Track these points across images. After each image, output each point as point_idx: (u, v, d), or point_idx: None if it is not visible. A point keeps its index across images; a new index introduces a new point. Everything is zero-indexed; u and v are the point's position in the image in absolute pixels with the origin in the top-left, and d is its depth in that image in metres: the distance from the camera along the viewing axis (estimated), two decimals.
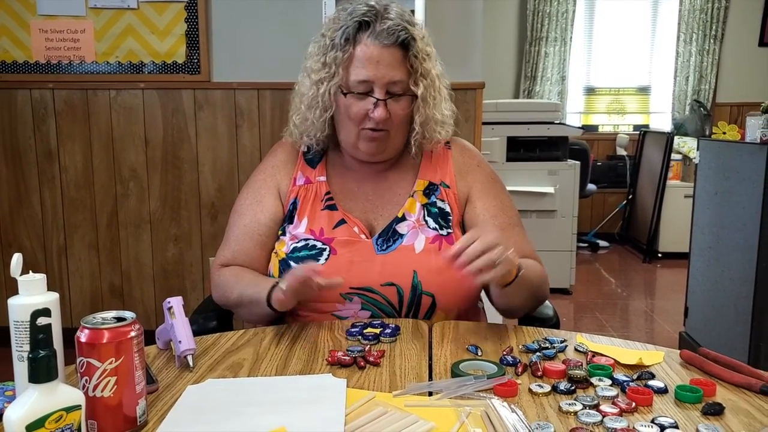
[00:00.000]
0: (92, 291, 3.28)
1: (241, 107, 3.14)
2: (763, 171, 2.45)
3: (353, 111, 1.34)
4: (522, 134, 4.26)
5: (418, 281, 1.33)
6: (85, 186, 3.21)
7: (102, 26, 3.10)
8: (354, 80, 1.32)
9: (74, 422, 0.72)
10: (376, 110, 1.31)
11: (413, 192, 1.43)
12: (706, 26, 5.96)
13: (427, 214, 1.41)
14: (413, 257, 1.35)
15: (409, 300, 1.34)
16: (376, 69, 1.31)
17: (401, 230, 1.38)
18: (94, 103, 3.15)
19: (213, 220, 3.20)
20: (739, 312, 2.63)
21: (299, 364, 1.08)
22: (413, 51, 1.34)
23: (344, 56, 1.32)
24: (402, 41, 1.32)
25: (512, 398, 0.94)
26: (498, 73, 5.96)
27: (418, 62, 1.34)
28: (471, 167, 1.49)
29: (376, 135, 1.35)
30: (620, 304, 4.31)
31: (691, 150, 5.38)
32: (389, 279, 1.34)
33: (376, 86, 1.32)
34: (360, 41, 1.32)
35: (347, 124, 1.37)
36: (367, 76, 1.31)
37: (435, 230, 1.38)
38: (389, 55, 1.32)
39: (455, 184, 1.46)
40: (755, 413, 0.91)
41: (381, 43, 1.31)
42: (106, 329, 0.82)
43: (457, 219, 1.43)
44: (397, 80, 1.32)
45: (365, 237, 1.38)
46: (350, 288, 1.33)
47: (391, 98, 1.33)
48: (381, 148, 1.38)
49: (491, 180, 1.49)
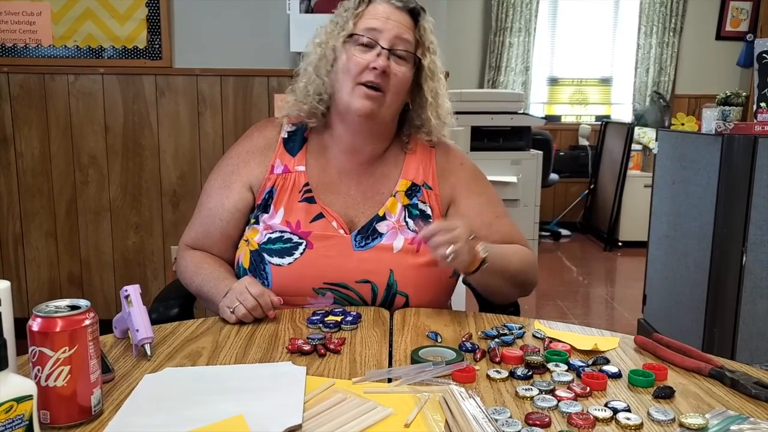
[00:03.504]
0: (50, 280, 3.22)
1: (204, 94, 3.10)
2: (717, 161, 2.51)
3: (354, 61, 1.33)
4: (486, 124, 4.29)
5: (394, 280, 1.34)
6: (42, 173, 3.14)
7: (59, 9, 3.03)
8: (363, 28, 1.35)
9: (25, 412, 0.71)
10: (378, 59, 1.31)
11: (395, 192, 1.42)
12: (666, 19, 6.06)
13: (408, 215, 1.40)
14: (391, 256, 1.35)
15: (383, 298, 1.34)
16: (386, 22, 1.34)
17: (381, 229, 1.37)
18: (52, 87, 3.09)
19: (174, 207, 3.16)
20: (695, 299, 2.69)
21: (259, 353, 1.07)
22: (422, 23, 1.38)
23: (357, 9, 1.37)
24: (413, 9, 1.38)
25: (470, 384, 0.95)
26: (462, 62, 5.98)
27: (425, 37, 1.38)
28: (454, 167, 1.48)
29: (371, 93, 1.32)
30: (581, 291, 4.38)
31: (650, 141, 5.48)
32: (365, 276, 1.34)
33: (383, 37, 1.33)
34: (373, 2, 1.37)
35: (345, 80, 1.34)
36: (377, 26, 1.34)
37: (415, 232, 1.37)
38: (400, 16, 1.36)
39: (437, 185, 1.45)
40: (704, 396, 0.93)
41: (394, 4, 1.36)
42: (60, 318, 0.81)
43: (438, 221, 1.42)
44: (404, 38, 1.35)
45: (343, 232, 1.37)
46: (324, 283, 1.33)
47: (394, 56, 1.34)
48: (374, 108, 1.33)
49: (475, 177, 1.50)
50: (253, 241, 1.37)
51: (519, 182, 4.29)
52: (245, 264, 1.37)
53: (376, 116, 1.35)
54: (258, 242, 1.36)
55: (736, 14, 6.03)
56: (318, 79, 1.40)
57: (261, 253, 1.35)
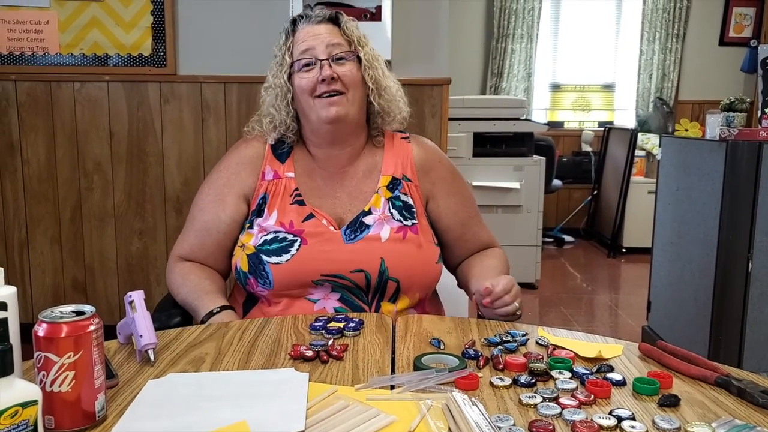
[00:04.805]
0: (54, 285, 3.23)
1: (208, 101, 3.11)
2: (722, 167, 2.50)
3: (305, 83, 1.42)
4: (488, 130, 4.29)
5: (385, 267, 1.41)
6: (48, 179, 3.15)
7: (66, 18, 3.05)
8: (298, 54, 1.44)
9: (30, 417, 0.71)
10: (322, 71, 1.40)
11: (378, 188, 1.49)
12: (668, 25, 6.06)
13: (392, 207, 1.47)
14: (380, 246, 1.42)
15: (376, 284, 1.41)
16: (314, 38, 1.43)
17: (368, 222, 1.45)
18: (58, 95, 3.10)
19: (178, 214, 3.17)
20: (700, 306, 2.69)
21: (261, 359, 1.07)
22: (344, 23, 1.47)
23: (287, 42, 1.46)
24: (331, 17, 1.47)
25: (473, 391, 0.95)
26: (465, 69, 5.98)
27: (353, 33, 1.46)
28: (433, 163, 1.56)
29: (333, 99, 1.41)
30: (585, 298, 4.37)
31: (654, 147, 5.47)
32: (358, 266, 1.40)
33: (317, 51, 1.42)
34: (297, 29, 1.47)
35: (305, 100, 1.43)
36: (308, 45, 1.43)
37: (399, 221, 1.45)
38: (323, 27, 1.45)
39: (417, 178, 1.52)
40: (710, 405, 0.93)
41: (314, 21, 1.46)
42: (65, 323, 0.81)
43: (421, 210, 1.50)
44: (336, 42, 1.43)
45: (333, 228, 1.44)
46: (321, 275, 1.40)
47: (335, 62, 1.42)
48: (341, 112, 1.42)
49: (452, 175, 1.58)
50: (249, 245, 1.43)
51: (522, 188, 4.28)
52: (244, 267, 1.42)
53: (346, 117, 1.43)
54: (254, 245, 1.42)
55: (739, 20, 6.03)
56: (279, 115, 1.47)
57: (259, 254, 1.41)
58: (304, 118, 1.47)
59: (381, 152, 1.53)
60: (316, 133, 1.48)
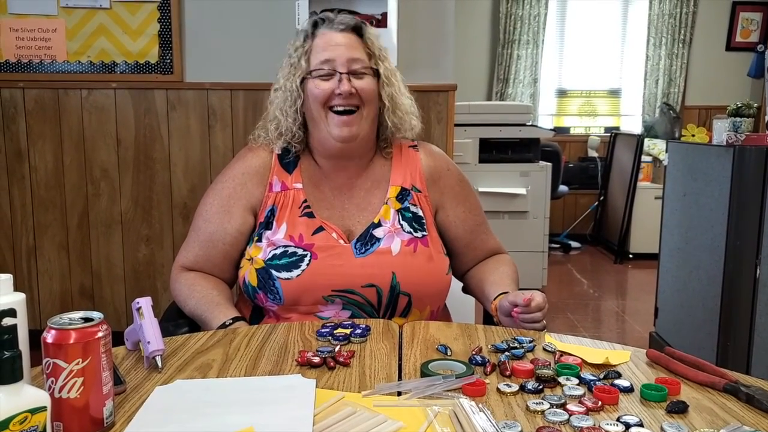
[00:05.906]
0: (62, 292, 3.24)
1: (214, 107, 3.12)
2: (729, 173, 2.50)
3: (319, 91, 1.39)
4: (494, 136, 4.29)
5: (396, 282, 1.38)
6: (55, 186, 3.16)
7: (74, 25, 3.07)
8: (316, 62, 1.39)
9: (39, 424, 0.71)
10: (341, 85, 1.37)
11: (387, 199, 1.47)
12: (675, 31, 6.06)
13: (402, 218, 1.45)
14: (391, 259, 1.39)
15: (388, 299, 1.39)
16: (335, 49, 1.40)
17: (378, 234, 1.42)
18: (65, 102, 3.11)
19: (185, 220, 3.17)
20: (708, 312, 2.67)
21: (269, 365, 1.07)
22: (367, 35, 1.45)
23: (305, 48, 1.43)
24: (355, 27, 1.44)
25: (480, 398, 0.95)
26: (471, 75, 5.99)
27: (374, 46, 1.43)
28: (442, 172, 1.54)
29: (347, 119, 1.39)
30: (592, 304, 4.36)
31: (660, 152, 5.46)
32: (369, 281, 1.38)
33: (337, 63, 1.38)
34: (317, 34, 1.43)
35: (317, 109, 1.40)
36: (328, 56, 1.39)
37: (410, 233, 1.43)
38: (345, 38, 1.42)
39: (426, 188, 1.50)
40: (718, 411, 0.93)
41: (336, 29, 1.42)
42: (73, 330, 0.81)
43: (430, 221, 1.48)
44: (357, 57, 1.40)
45: (343, 242, 1.41)
46: (332, 291, 1.37)
47: (354, 76, 1.39)
48: (354, 132, 1.40)
49: (461, 183, 1.56)
50: (257, 259, 1.40)
51: (528, 194, 4.28)
52: (253, 282, 1.40)
53: (358, 136, 1.42)
54: (263, 259, 1.39)
55: (746, 25, 6.02)
56: (286, 121, 1.44)
57: (268, 269, 1.38)
58: (314, 126, 1.44)
59: (389, 162, 1.51)
60: (324, 144, 1.45)
